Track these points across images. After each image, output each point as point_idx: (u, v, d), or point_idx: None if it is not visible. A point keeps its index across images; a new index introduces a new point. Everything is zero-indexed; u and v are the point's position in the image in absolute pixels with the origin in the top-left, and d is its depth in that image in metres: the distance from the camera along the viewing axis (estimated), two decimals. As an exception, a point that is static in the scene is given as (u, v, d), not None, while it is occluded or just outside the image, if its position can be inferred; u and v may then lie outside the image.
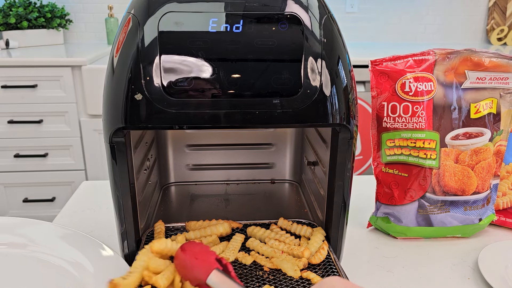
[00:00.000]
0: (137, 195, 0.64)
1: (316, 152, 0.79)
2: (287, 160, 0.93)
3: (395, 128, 0.70)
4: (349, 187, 0.63)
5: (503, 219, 0.78)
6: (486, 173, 0.71)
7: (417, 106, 0.68)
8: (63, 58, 2.06)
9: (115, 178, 0.59)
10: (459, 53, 0.68)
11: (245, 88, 0.54)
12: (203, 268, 0.49)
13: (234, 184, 0.92)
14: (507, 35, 2.77)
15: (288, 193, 0.91)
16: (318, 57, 0.55)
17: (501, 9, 2.76)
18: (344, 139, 0.60)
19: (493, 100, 0.70)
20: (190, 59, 0.54)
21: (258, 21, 0.55)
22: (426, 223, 0.72)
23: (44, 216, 2.17)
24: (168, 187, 0.91)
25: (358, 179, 0.90)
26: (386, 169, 0.72)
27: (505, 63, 0.68)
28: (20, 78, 2.00)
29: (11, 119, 2.05)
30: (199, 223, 0.70)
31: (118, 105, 0.54)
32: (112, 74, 0.55)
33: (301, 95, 0.54)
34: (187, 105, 0.53)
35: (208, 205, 0.84)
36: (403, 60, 0.69)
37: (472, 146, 0.70)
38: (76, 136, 2.11)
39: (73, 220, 0.80)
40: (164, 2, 0.55)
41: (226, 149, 0.91)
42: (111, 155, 0.57)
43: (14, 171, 2.14)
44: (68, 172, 2.16)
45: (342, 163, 0.61)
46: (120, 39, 0.55)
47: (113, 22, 2.49)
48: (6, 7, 2.37)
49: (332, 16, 0.59)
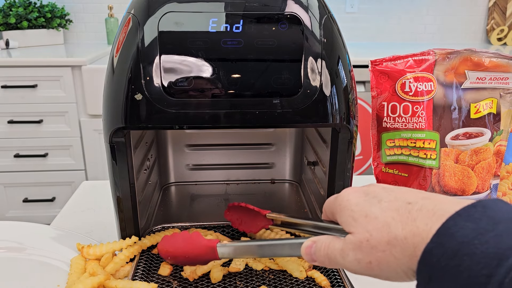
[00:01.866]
0: (137, 195, 0.64)
1: (316, 152, 0.79)
2: (287, 160, 0.93)
3: (395, 128, 0.70)
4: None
5: (503, 219, 0.78)
6: (486, 173, 0.71)
7: (417, 106, 0.68)
8: (63, 58, 2.06)
9: (115, 178, 0.59)
10: (459, 53, 0.68)
11: (245, 88, 0.54)
12: (206, 250, 0.51)
13: (234, 184, 0.92)
14: (507, 35, 2.77)
15: (288, 193, 0.91)
16: (318, 57, 0.55)
17: (501, 9, 2.76)
18: (344, 139, 0.60)
19: (493, 100, 0.70)
20: (190, 59, 0.54)
21: (258, 21, 0.55)
22: (426, 223, 0.72)
23: (44, 216, 2.17)
24: (168, 187, 0.91)
25: (358, 179, 0.90)
26: (386, 169, 0.72)
27: (505, 63, 0.68)
28: (20, 78, 2.00)
29: (11, 119, 2.05)
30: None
31: (118, 105, 0.54)
32: (112, 74, 0.55)
33: (301, 95, 0.54)
34: (187, 105, 0.53)
35: (208, 205, 0.84)
36: (403, 60, 0.69)
37: (472, 146, 0.70)
38: (76, 136, 2.11)
39: (73, 220, 0.80)
40: (164, 2, 0.55)
41: (226, 149, 0.91)
42: (111, 155, 0.57)
43: (14, 171, 2.14)
44: (68, 172, 2.16)
45: (342, 163, 0.61)
46: (120, 39, 0.55)
47: (113, 22, 2.49)
48: (6, 7, 2.37)
49: (332, 16, 0.59)
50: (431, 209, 0.32)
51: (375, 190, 0.37)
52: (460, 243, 0.27)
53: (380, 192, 0.37)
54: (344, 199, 0.38)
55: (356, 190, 0.39)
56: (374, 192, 0.37)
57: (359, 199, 0.37)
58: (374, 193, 0.37)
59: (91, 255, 0.58)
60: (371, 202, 0.36)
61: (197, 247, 0.52)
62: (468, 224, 0.28)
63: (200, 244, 0.51)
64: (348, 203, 0.37)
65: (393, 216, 0.33)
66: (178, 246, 0.53)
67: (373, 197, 0.36)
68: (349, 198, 0.38)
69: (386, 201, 0.35)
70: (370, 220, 0.34)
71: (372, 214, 0.34)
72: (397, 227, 0.32)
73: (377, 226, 0.34)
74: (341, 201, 0.38)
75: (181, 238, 0.54)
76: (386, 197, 0.35)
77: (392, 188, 0.37)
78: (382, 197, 0.36)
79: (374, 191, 0.37)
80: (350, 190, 0.39)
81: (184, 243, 0.53)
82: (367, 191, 0.37)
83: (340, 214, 0.38)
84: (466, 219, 0.28)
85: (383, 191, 0.37)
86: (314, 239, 0.40)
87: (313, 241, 0.40)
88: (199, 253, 0.52)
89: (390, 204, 0.34)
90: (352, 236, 0.35)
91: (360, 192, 0.38)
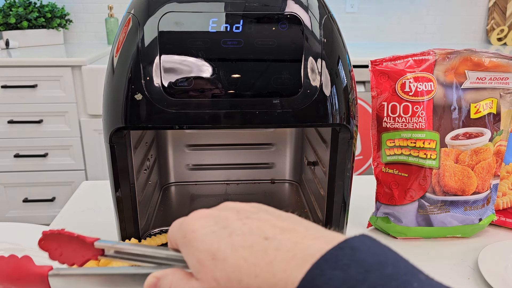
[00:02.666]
0: (137, 195, 0.64)
1: (316, 152, 0.79)
2: (287, 160, 0.93)
3: (395, 128, 0.70)
4: (349, 187, 0.63)
5: (503, 219, 0.78)
6: (486, 173, 0.71)
7: (417, 106, 0.68)
8: (63, 58, 2.06)
9: (115, 178, 0.59)
10: (459, 53, 0.68)
11: (245, 88, 0.54)
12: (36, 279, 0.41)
13: (234, 184, 0.92)
14: (507, 35, 2.77)
15: (288, 193, 0.91)
16: (318, 57, 0.55)
17: (501, 9, 2.76)
18: (344, 139, 0.60)
19: (493, 100, 0.70)
20: (190, 59, 0.54)
21: (258, 21, 0.55)
22: (426, 223, 0.72)
23: (44, 216, 2.17)
24: (168, 187, 0.91)
25: (358, 179, 0.90)
26: (386, 169, 0.72)
27: (505, 63, 0.68)
28: (20, 78, 2.00)
29: (11, 119, 2.05)
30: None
31: (118, 105, 0.54)
32: (112, 74, 0.55)
33: (301, 95, 0.54)
34: (187, 105, 0.53)
35: (208, 205, 0.83)
36: (403, 60, 0.69)
37: (472, 146, 0.70)
38: (76, 136, 2.11)
39: (73, 220, 0.80)
40: (164, 2, 0.55)
41: (226, 149, 0.91)
42: (111, 155, 0.57)
43: (14, 171, 2.14)
44: (68, 172, 2.16)
45: (342, 163, 0.61)
46: (120, 39, 0.55)
47: (113, 22, 2.49)
48: (6, 7, 2.37)
49: (332, 16, 0.59)
50: (291, 249, 0.25)
51: (227, 217, 0.29)
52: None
53: (233, 219, 0.29)
54: (189, 229, 0.29)
55: (206, 214, 0.31)
56: (226, 220, 0.29)
57: (206, 229, 0.29)
58: (226, 220, 0.29)
59: None
60: (221, 234, 0.28)
61: (25, 275, 0.42)
62: (337, 273, 0.23)
63: (28, 272, 0.42)
64: (193, 236, 0.29)
65: (245, 257, 0.26)
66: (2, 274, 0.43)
67: (224, 227, 0.28)
68: (194, 229, 0.29)
69: (239, 233, 0.27)
70: (218, 264, 0.26)
71: (221, 254, 0.27)
72: (250, 274, 0.25)
73: (226, 272, 0.26)
74: (186, 232, 0.29)
75: (6, 264, 0.43)
76: (239, 227, 0.28)
77: (248, 213, 0.29)
78: (234, 227, 0.28)
79: (227, 218, 0.29)
80: (198, 214, 0.31)
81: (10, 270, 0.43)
82: (217, 217, 0.29)
83: (185, 251, 0.29)
84: (333, 266, 0.23)
85: (236, 218, 0.29)
86: (158, 274, 0.31)
87: (157, 277, 0.31)
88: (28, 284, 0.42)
89: (243, 238, 0.27)
90: (198, 284, 0.27)
91: (209, 218, 0.30)
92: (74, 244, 0.46)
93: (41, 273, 0.41)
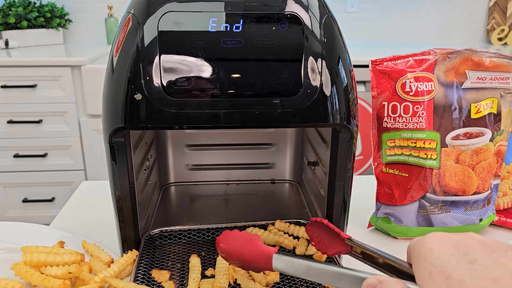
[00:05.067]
0: (136, 195, 0.63)
1: (316, 152, 0.79)
2: (287, 160, 0.93)
3: (396, 128, 0.70)
4: (349, 187, 0.63)
5: (503, 220, 0.78)
6: (487, 173, 0.71)
7: (418, 106, 0.68)
8: (63, 58, 2.06)
9: (115, 178, 0.59)
10: (460, 53, 0.68)
11: (245, 88, 0.54)
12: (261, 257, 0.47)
13: (234, 184, 0.92)
14: (508, 35, 2.77)
15: (288, 193, 0.91)
16: (318, 57, 0.55)
17: (502, 9, 2.76)
18: (344, 139, 0.59)
19: (493, 100, 0.70)
20: (190, 59, 0.53)
21: (258, 20, 0.55)
22: (427, 223, 0.72)
23: (43, 216, 2.17)
24: (168, 187, 0.91)
25: (358, 179, 0.90)
26: (387, 169, 0.72)
27: (506, 63, 0.68)
28: (19, 78, 2.00)
29: (10, 119, 2.05)
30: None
31: (118, 105, 0.53)
32: (111, 74, 0.55)
33: (301, 95, 0.54)
34: (187, 105, 0.53)
35: (208, 206, 0.84)
36: (403, 60, 0.69)
37: (473, 146, 0.70)
38: (75, 136, 2.11)
39: (73, 221, 0.80)
40: (164, 2, 0.55)
41: (226, 149, 0.90)
42: (110, 155, 0.57)
43: (13, 171, 2.14)
44: (67, 172, 2.16)
45: (342, 163, 0.61)
46: (119, 39, 0.55)
47: (112, 22, 2.49)
48: (5, 7, 2.37)
49: (332, 16, 0.58)
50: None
51: (470, 245, 0.29)
52: None
53: (476, 249, 0.28)
54: (427, 246, 0.30)
55: (446, 237, 0.31)
56: (468, 247, 0.29)
57: (444, 249, 0.29)
58: (468, 248, 0.29)
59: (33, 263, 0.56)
60: (460, 259, 0.28)
61: (253, 250, 0.47)
62: None
63: (256, 249, 0.47)
64: (430, 253, 0.29)
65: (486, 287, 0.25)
66: (234, 245, 0.49)
67: (464, 254, 0.28)
68: (432, 246, 0.30)
69: (482, 263, 0.27)
70: (451, 284, 0.26)
71: (457, 277, 0.26)
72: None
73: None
74: (421, 247, 0.31)
75: (240, 237, 0.50)
76: (483, 258, 0.27)
77: (494, 248, 0.28)
78: (477, 256, 0.27)
79: (469, 245, 0.29)
80: (438, 235, 0.31)
81: (242, 243, 0.49)
82: (458, 243, 0.29)
83: (416, 263, 0.31)
84: None
85: (480, 249, 0.28)
86: (380, 278, 0.33)
87: (379, 281, 0.32)
88: (254, 258, 0.47)
89: (486, 269, 0.26)
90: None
91: (449, 241, 0.30)
92: (331, 236, 0.52)
93: (268, 253, 0.46)
